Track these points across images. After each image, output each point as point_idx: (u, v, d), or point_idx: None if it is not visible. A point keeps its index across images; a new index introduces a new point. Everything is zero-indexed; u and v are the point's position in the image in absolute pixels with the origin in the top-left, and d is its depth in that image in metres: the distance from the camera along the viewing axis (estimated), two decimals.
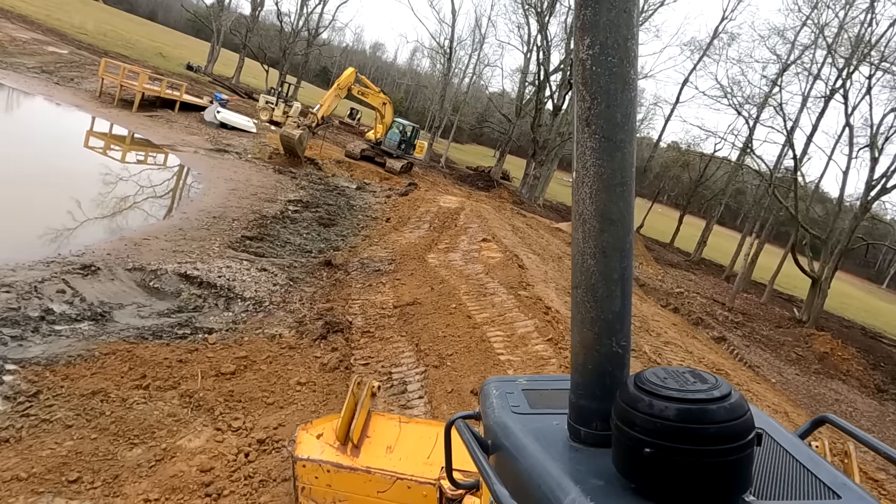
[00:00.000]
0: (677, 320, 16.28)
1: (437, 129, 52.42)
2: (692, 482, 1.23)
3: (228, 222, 13.16)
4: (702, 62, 42.67)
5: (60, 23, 51.59)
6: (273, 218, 14.61)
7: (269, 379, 6.04)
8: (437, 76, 57.51)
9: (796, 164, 26.92)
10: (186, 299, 8.19)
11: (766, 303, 34.12)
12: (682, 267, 39.06)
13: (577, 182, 1.43)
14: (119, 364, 5.86)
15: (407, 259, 11.63)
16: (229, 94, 39.15)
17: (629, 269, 1.50)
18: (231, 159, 23.18)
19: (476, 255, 11.70)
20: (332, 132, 43.04)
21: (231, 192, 17.12)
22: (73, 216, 11.30)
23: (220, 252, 10.48)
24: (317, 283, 9.86)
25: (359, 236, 14.75)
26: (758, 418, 1.42)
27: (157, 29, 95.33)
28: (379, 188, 25.52)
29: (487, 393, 1.87)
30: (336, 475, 3.25)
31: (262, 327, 7.52)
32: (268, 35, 55.86)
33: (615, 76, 1.33)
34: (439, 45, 49.93)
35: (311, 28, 52.74)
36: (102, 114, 24.99)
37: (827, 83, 31.47)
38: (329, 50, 74.45)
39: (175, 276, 8.76)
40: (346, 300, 8.87)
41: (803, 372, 21.44)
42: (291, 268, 10.45)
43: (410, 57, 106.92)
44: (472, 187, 40.81)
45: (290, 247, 12.32)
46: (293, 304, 8.56)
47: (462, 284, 9.28)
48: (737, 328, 23.16)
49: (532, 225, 24.17)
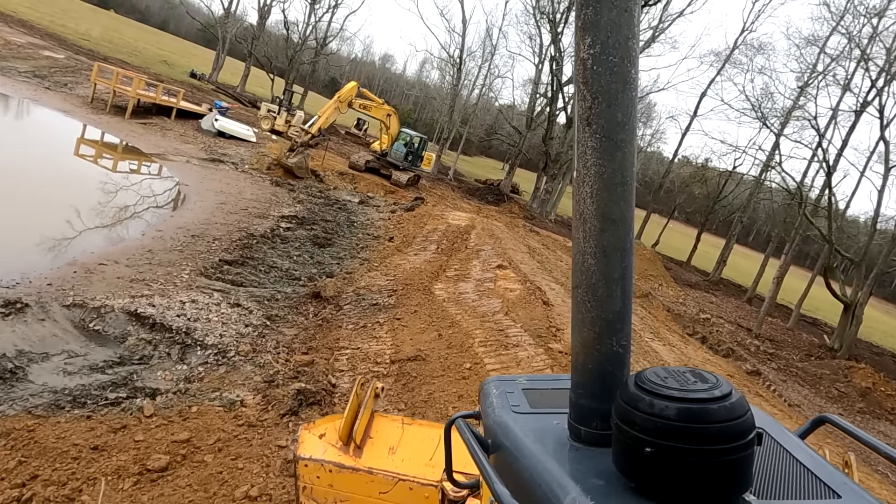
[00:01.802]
0: (732, 370, 14.47)
1: (445, 141, 51.07)
2: (692, 481, 1.22)
3: (208, 242, 11.53)
4: (722, 74, 41.05)
5: (65, 29, 50.77)
6: (261, 237, 12.98)
7: (209, 485, 4.34)
8: (446, 87, 56.51)
9: (830, 183, 25.08)
10: (132, 346, 6.56)
11: (793, 328, 32.21)
12: (701, 287, 37.15)
13: (577, 182, 1.43)
14: (5, 455, 4.22)
15: (410, 290, 9.94)
16: (231, 103, 37.89)
17: (630, 268, 1.49)
18: (226, 170, 21.69)
19: (491, 287, 10.02)
20: (337, 143, 41.71)
21: (219, 207, 15.54)
22: (20, 235, 9.70)
23: (188, 281, 8.85)
24: (300, 322, 8.20)
25: (357, 259, 13.06)
26: (758, 418, 1.41)
27: (167, 38, 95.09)
28: (383, 202, 23.92)
29: (487, 392, 1.86)
30: (338, 475, 3.18)
31: (220, 388, 5.85)
32: (276, 44, 54.82)
33: (616, 76, 1.32)
34: (449, 55, 48.82)
35: (318, 37, 51.73)
36: (91, 120, 23.59)
37: (858, 95, 29.70)
38: (338, 60, 73.56)
39: (123, 316, 7.13)
40: (332, 349, 7.18)
41: (847, 410, 19.52)
42: (272, 301, 8.79)
43: (420, 68, 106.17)
44: (482, 201, 39.32)
45: (275, 273, 10.64)
46: (266, 353, 6.89)
47: (477, 329, 7.56)
48: (771, 360, 21.27)
49: (548, 245, 22.44)
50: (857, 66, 29.62)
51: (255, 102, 43.58)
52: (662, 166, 73.01)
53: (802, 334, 31.57)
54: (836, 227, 29.28)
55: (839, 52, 30.50)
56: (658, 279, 30.54)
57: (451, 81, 49.74)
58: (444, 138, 51.24)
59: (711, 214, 45.51)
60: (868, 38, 26.83)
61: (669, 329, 15.34)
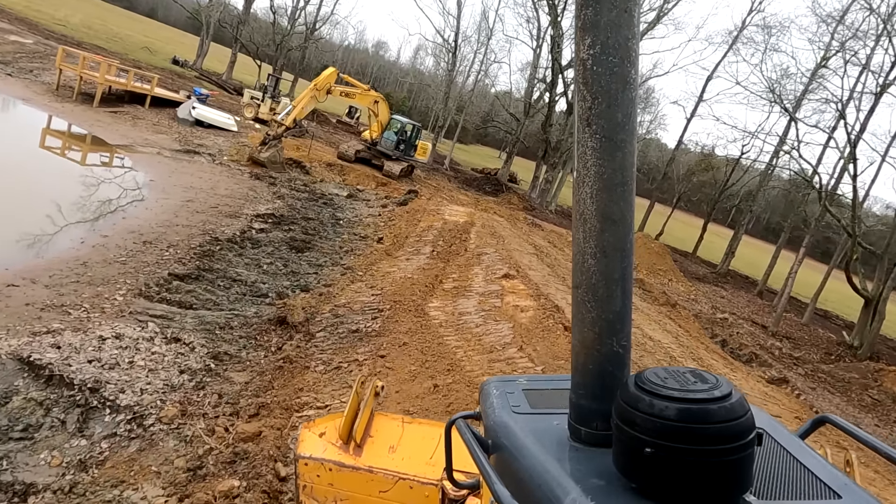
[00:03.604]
0: (783, 397, 12.76)
1: (440, 130, 49.16)
2: (693, 482, 1.22)
3: (160, 251, 9.71)
4: (734, 54, 39.16)
5: (41, 15, 48.35)
6: (228, 242, 11.16)
7: None
8: (441, 74, 54.66)
9: (855, 171, 23.31)
10: (15, 412, 4.79)
11: (808, 323, 30.67)
12: (709, 281, 35.52)
13: (578, 182, 1.43)
14: None
15: (400, 310, 8.13)
16: (213, 90, 35.79)
17: (630, 268, 1.49)
18: (201, 162, 19.80)
19: (497, 304, 8.25)
20: (327, 131, 39.70)
21: (184, 205, 13.69)
22: None
23: (121, 306, 7.05)
24: (256, 361, 6.40)
25: (339, 266, 11.23)
26: (758, 418, 1.40)
27: (154, 26, 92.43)
28: (374, 196, 22.06)
29: (488, 393, 1.85)
30: (338, 474, 3.13)
31: (124, 482, 4.10)
32: (264, 30, 52.55)
33: (616, 76, 1.32)
34: (444, 38, 46.77)
35: (308, 22, 49.53)
36: (53, 109, 21.59)
37: (878, 76, 27.84)
38: (329, 46, 71.20)
39: (12, 364, 5.33)
40: (290, 408, 5.31)
41: (882, 421, 17.91)
42: (225, 330, 7.00)
43: (414, 55, 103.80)
44: (479, 192, 37.59)
45: (237, 288, 8.82)
46: (199, 417, 5.09)
47: (484, 373, 5.76)
48: (796, 364, 19.61)
49: (554, 242, 20.62)
50: (876, 43, 27.84)
51: (240, 90, 41.45)
52: (662, 153, 71.28)
53: (818, 330, 30.04)
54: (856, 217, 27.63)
55: (857, 28, 28.59)
56: (667, 274, 28.84)
57: (446, 67, 47.95)
58: (440, 126, 49.35)
59: (718, 203, 43.77)
60: (891, 10, 24.97)
61: (708, 349, 13.57)
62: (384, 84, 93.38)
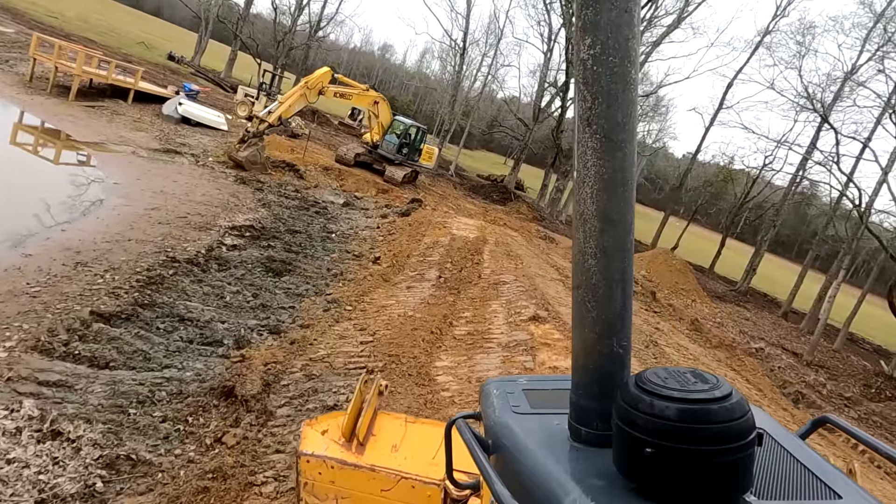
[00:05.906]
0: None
1: (446, 134, 47.14)
2: (693, 482, 1.20)
3: (91, 277, 7.57)
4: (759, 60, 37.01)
5: (35, 7, 46.49)
6: (187, 263, 9.01)
7: None
8: (447, 77, 52.73)
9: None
10: None
11: (840, 349, 28.44)
12: (729, 300, 33.27)
13: (578, 182, 1.43)
14: None
15: (396, 372, 5.94)
16: (205, 86, 33.75)
17: (630, 269, 1.49)
18: (182, 164, 17.71)
19: (529, 363, 6.08)
20: (327, 133, 37.61)
21: (146, 215, 11.59)
22: None
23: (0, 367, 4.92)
24: (172, 473, 4.19)
25: (323, 296, 9.06)
26: (759, 418, 1.38)
27: (157, 23, 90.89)
28: (373, 204, 19.92)
29: (488, 393, 1.83)
30: (340, 472, 3.09)
31: None
32: (266, 28, 50.72)
33: (616, 76, 1.31)
34: (452, 40, 44.83)
35: (311, 21, 47.67)
36: (21, 101, 19.56)
37: None
38: (335, 47, 69.31)
39: None
40: None
41: None
42: (143, 409, 4.83)
43: (420, 59, 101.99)
44: (487, 200, 35.54)
45: (183, 331, 6.66)
46: None
47: None
48: (848, 406, 17.34)
49: None
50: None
51: (237, 87, 39.47)
52: (669, 162, 69.01)
53: (852, 357, 27.76)
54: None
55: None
56: (690, 294, 26.62)
57: (453, 70, 46.04)
58: (445, 131, 47.35)
59: (736, 217, 41.59)
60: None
61: (794, 418, 11.12)
62: (389, 87, 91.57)
